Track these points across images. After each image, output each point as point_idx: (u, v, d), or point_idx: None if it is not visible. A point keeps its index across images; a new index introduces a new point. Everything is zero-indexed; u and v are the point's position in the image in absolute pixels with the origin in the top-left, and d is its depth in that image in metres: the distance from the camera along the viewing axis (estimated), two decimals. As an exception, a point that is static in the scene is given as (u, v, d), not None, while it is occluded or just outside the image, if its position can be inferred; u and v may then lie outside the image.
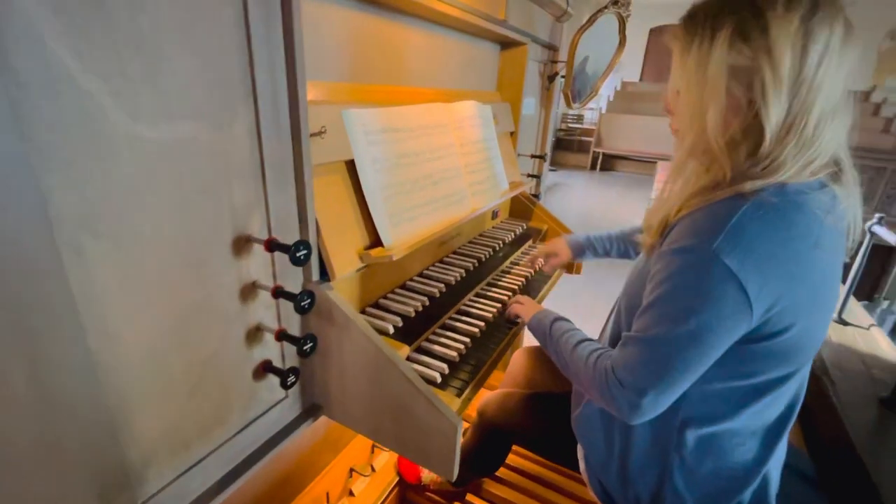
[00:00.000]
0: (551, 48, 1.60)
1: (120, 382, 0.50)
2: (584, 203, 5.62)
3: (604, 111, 7.88)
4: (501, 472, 1.21)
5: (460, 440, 0.67)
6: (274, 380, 0.71)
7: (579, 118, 8.38)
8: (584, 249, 1.13)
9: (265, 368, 0.69)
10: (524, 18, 1.30)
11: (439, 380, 0.78)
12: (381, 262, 0.76)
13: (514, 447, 1.22)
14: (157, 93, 0.46)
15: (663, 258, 0.63)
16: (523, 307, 0.95)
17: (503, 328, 0.97)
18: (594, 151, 7.90)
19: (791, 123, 0.57)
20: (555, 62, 1.65)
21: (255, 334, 0.66)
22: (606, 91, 8.08)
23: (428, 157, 0.91)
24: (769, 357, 0.63)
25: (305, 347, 0.64)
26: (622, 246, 1.11)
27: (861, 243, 1.28)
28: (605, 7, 1.40)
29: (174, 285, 0.52)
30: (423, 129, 0.91)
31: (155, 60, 0.45)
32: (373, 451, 1.35)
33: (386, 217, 0.80)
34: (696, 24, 0.61)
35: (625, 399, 0.65)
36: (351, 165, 0.80)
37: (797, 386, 0.69)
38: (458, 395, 0.75)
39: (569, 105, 1.63)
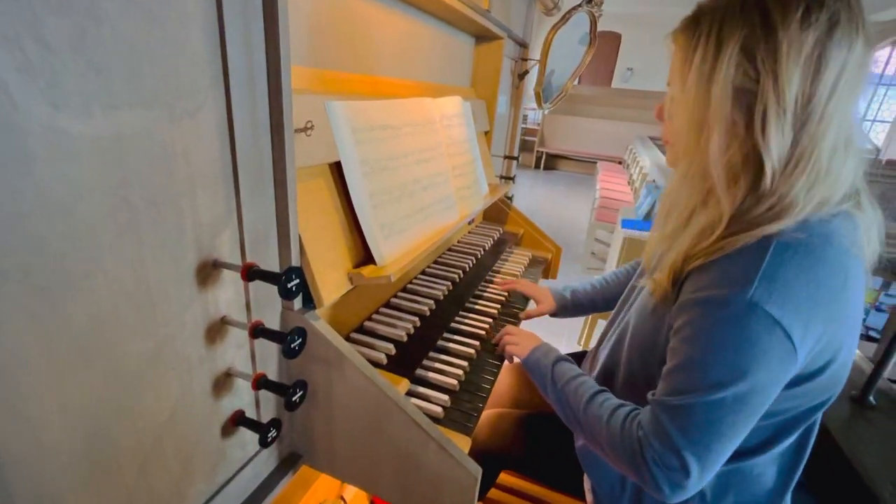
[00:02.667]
0: (523, 45, 1.54)
1: (39, 478, 0.35)
2: (533, 201, 5.72)
3: (546, 112, 8.09)
4: (492, 493, 1.14)
5: (478, 492, 0.58)
6: (246, 433, 0.57)
7: (523, 118, 8.53)
8: (568, 307, 1.03)
9: (236, 421, 0.55)
10: (504, 11, 1.22)
11: (442, 414, 0.68)
12: (375, 283, 0.65)
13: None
14: (90, 69, 0.32)
15: (689, 310, 0.55)
16: (518, 346, 0.82)
17: (497, 348, 0.89)
18: (538, 151, 8.09)
19: (800, 157, 0.52)
20: (525, 59, 1.59)
21: (224, 382, 0.52)
22: (549, 92, 8.27)
23: (416, 158, 0.80)
24: (805, 395, 0.58)
25: (295, 398, 0.51)
26: (609, 299, 1.02)
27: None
28: (580, 5, 1.36)
29: (118, 336, 0.38)
30: (412, 126, 0.80)
31: (87, 21, 0.31)
32: (343, 483, 1.22)
33: (377, 229, 0.68)
34: (701, 31, 0.54)
35: (666, 479, 0.55)
36: (334, 168, 0.67)
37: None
38: (468, 433, 0.66)
39: (539, 105, 1.59)
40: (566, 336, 2.54)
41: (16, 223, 0.30)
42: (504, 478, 1.18)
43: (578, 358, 1.04)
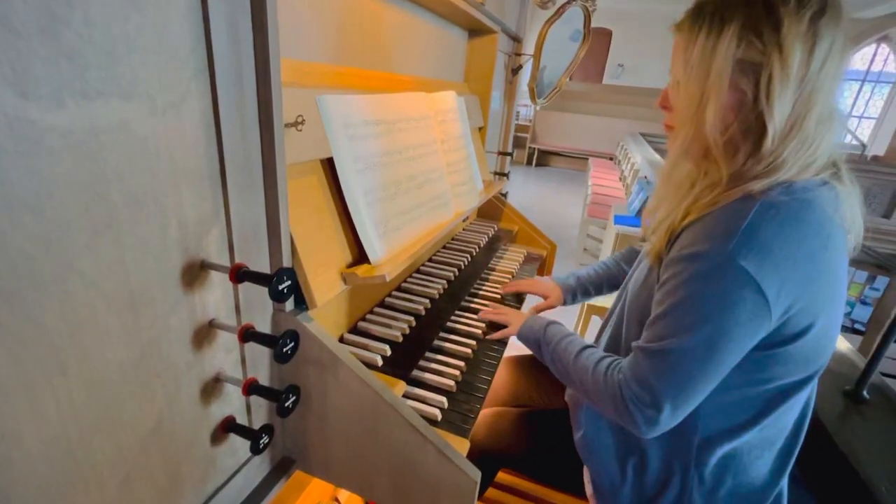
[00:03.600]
0: (516, 40, 1.52)
1: (9, 497, 0.33)
2: (525, 197, 5.72)
3: (538, 108, 8.07)
4: (490, 492, 1.13)
5: (477, 496, 0.56)
6: (237, 439, 0.55)
7: (515, 114, 8.50)
8: (576, 294, 1.05)
9: (227, 428, 0.53)
10: (497, 4, 1.20)
11: (439, 417, 0.67)
12: (370, 283, 0.63)
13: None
14: (61, 56, 0.29)
15: (674, 265, 0.60)
16: (510, 327, 0.87)
17: (493, 347, 0.88)
18: (530, 147, 8.08)
19: (794, 122, 0.57)
20: (518, 54, 1.58)
21: (213, 387, 0.50)
22: (540, 88, 8.24)
23: (411, 154, 0.78)
24: (788, 361, 0.60)
25: (287, 404, 0.49)
26: (613, 280, 1.05)
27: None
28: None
29: (97, 342, 0.36)
30: (406, 121, 0.77)
31: (56, 3, 0.29)
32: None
33: (371, 227, 0.66)
34: (704, 15, 0.59)
35: (641, 415, 0.61)
36: (326, 164, 0.65)
37: (809, 391, 0.67)
38: (466, 435, 0.64)
39: (533, 100, 1.57)
40: (560, 333, 2.53)
41: (-20, 223, 0.27)
42: (502, 476, 1.17)
43: None
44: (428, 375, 0.73)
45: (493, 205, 1.48)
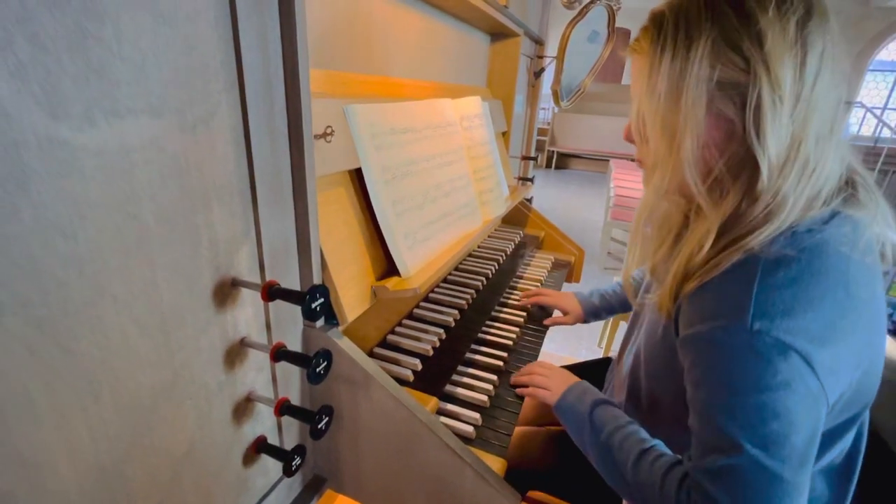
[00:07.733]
0: (539, 42, 1.49)
1: (46, 529, 0.32)
2: (545, 201, 5.65)
3: (557, 110, 8.00)
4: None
5: (519, 520, 0.53)
6: (268, 459, 0.54)
7: (533, 118, 8.41)
8: (599, 312, 0.99)
9: (258, 448, 0.52)
10: (520, 7, 1.18)
11: (474, 434, 0.64)
12: (401, 297, 0.61)
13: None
14: (91, 73, 0.28)
15: (691, 348, 0.51)
16: (549, 391, 0.70)
17: (526, 356, 0.84)
18: (549, 150, 8.00)
19: (790, 149, 0.48)
20: (541, 57, 1.55)
21: (244, 407, 0.49)
22: (558, 91, 8.16)
23: (438, 162, 0.76)
24: (831, 412, 0.51)
25: (320, 426, 0.47)
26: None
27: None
28: (598, -2, 1.31)
29: (129, 366, 0.35)
30: (433, 129, 0.76)
31: (86, 19, 0.28)
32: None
33: (400, 238, 0.64)
34: (664, 32, 0.50)
35: None
36: (354, 174, 0.63)
37: (861, 420, 0.60)
38: (503, 455, 0.61)
39: (557, 103, 1.53)
40: (586, 340, 2.47)
41: (11, 247, 0.26)
42: (530, 493, 1.13)
43: (603, 365, 0.98)
44: (460, 390, 0.71)
45: (518, 210, 1.44)
